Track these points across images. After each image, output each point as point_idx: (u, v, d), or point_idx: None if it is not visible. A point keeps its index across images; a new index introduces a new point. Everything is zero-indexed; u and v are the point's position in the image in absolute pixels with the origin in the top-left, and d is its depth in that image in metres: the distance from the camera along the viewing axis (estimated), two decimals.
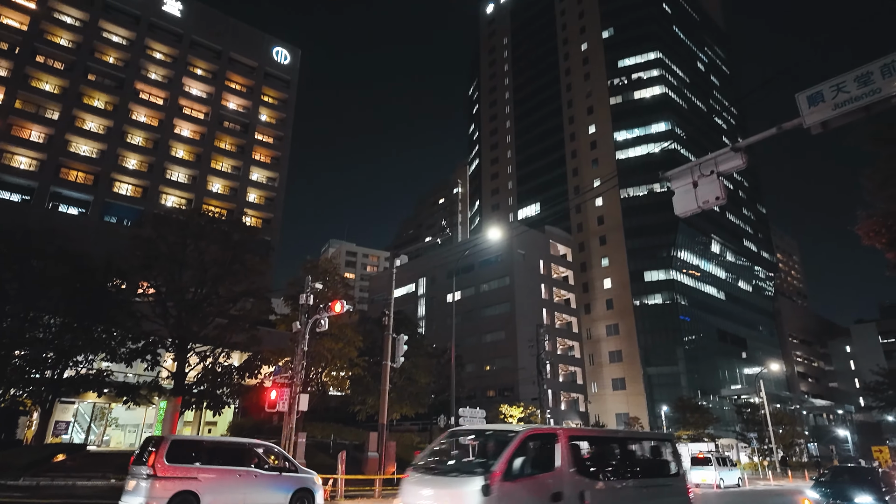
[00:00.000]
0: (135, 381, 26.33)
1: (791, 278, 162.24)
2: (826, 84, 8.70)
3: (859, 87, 8.38)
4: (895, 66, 8.01)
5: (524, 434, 8.13)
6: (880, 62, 8.14)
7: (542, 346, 39.90)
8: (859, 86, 8.38)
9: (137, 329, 25.60)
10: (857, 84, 8.39)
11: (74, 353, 24.19)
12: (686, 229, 80.00)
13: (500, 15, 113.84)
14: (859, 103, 8.35)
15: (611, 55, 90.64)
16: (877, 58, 8.26)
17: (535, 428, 8.81)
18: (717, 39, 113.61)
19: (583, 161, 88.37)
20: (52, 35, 59.05)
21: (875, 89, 8.19)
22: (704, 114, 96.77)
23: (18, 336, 22.93)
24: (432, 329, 69.36)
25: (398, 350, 23.04)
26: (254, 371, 27.65)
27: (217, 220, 29.13)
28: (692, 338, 78.29)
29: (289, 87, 75.47)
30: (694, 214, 11.26)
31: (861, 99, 8.33)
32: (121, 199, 58.80)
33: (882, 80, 8.13)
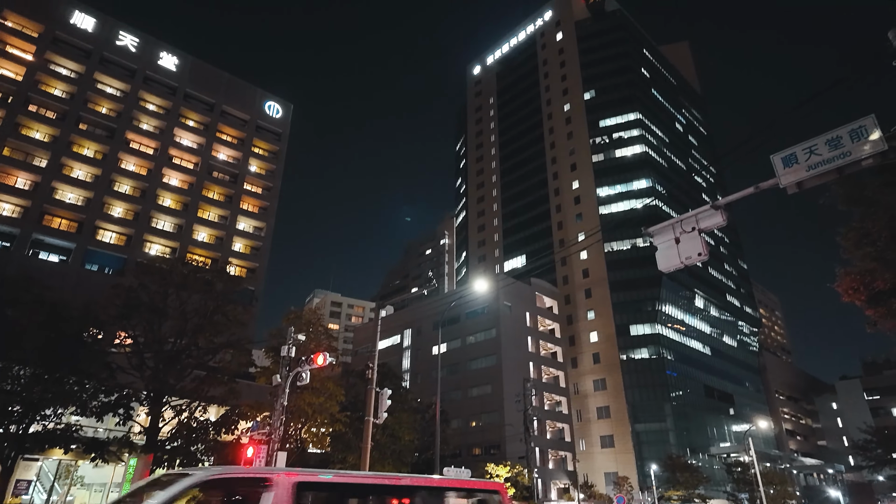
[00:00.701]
0: (105, 436, 25.15)
1: (775, 333, 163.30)
2: (799, 147, 9.05)
3: (830, 150, 8.73)
4: (863, 130, 8.40)
5: (195, 481, 5.42)
6: (848, 127, 8.53)
7: (529, 401, 39.16)
8: (830, 149, 8.73)
9: (112, 381, 24.69)
10: (828, 147, 8.74)
11: (43, 406, 23.13)
12: (670, 284, 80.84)
13: (486, 76, 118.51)
14: (831, 165, 8.68)
15: (592, 115, 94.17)
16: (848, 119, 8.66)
17: (222, 472, 6.11)
18: (693, 102, 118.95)
19: (567, 215, 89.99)
20: (46, 85, 59.95)
21: (845, 152, 8.54)
22: (684, 172, 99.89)
23: None
24: (417, 382, 67.99)
25: (382, 405, 22.40)
26: (230, 427, 26.57)
27: (201, 269, 28.80)
28: (679, 393, 77.58)
29: (280, 140, 76.77)
30: (677, 270, 11.37)
31: (833, 161, 8.66)
32: (103, 247, 58.10)
33: (851, 144, 8.49)
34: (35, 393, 22.98)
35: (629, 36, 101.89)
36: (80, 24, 63.09)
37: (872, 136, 8.27)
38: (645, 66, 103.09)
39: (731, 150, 9.15)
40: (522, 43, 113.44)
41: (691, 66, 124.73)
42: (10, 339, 22.53)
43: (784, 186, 9.23)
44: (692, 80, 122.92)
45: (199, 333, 26.20)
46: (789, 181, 9.15)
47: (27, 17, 59.66)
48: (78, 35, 62.62)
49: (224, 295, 27.66)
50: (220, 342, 26.80)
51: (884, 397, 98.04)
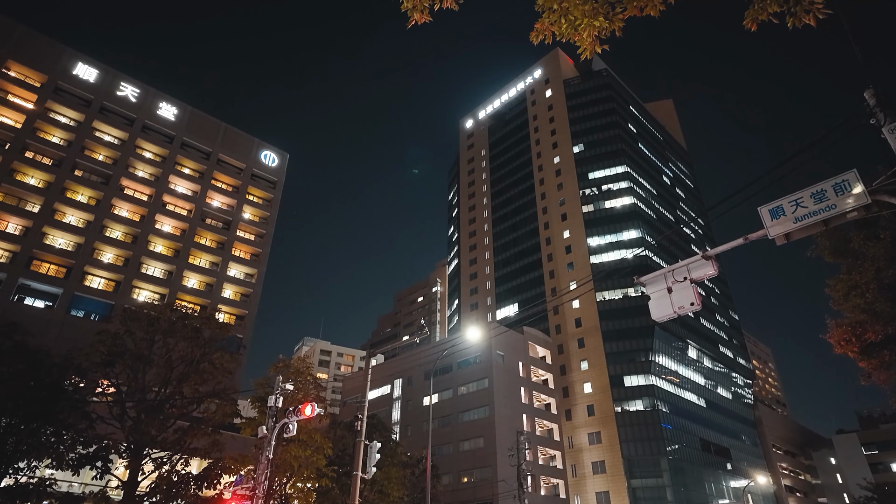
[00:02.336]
0: (80, 491, 24.02)
1: (769, 385, 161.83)
2: (785, 199, 9.26)
3: (816, 203, 8.94)
4: (846, 184, 8.63)
5: None
6: (832, 181, 8.77)
7: (523, 455, 38.08)
8: (815, 202, 8.94)
9: (91, 432, 23.79)
10: (813, 200, 8.95)
11: (17, 458, 22.16)
12: (662, 334, 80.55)
13: (478, 129, 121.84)
14: (817, 218, 8.86)
15: (581, 168, 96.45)
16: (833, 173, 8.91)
17: None
18: (679, 156, 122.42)
19: (559, 264, 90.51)
20: (44, 132, 60.75)
21: (830, 205, 8.74)
22: (672, 223, 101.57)
23: None
24: (407, 435, 66.10)
25: (370, 459, 21.66)
26: (213, 481, 25.48)
27: (189, 316, 28.35)
28: (675, 447, 75.83)
29: (275, 188, 77.58)
30: (669, 320, 11.35)
31: (818, 214, 8.85)
32: (91, 293, 57.39)
33: (836, 197, 8.70)
34: (9, 445, 22.08)
35: (615, 93, 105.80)
36: (83, 74, 64.64)
37: (855, 189, 8.50)
38: (631, 121, 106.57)
39: (719, 202, 9.40)
40: (513, 99, 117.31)
41: (676, 122, 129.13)
42: None
43: (773, 237, 9.37)
44: (677, 135, 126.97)
45: (185, 382, 25.52)
46: (778, 233, 9.30)
47: (30, 67, 61.11)
48: (80, 85, 64.05)
49: (211, 342, 27.15)
50: (206, 391, 26.09)
51: (882, 452, 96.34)
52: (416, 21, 7.13)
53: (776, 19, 6.74)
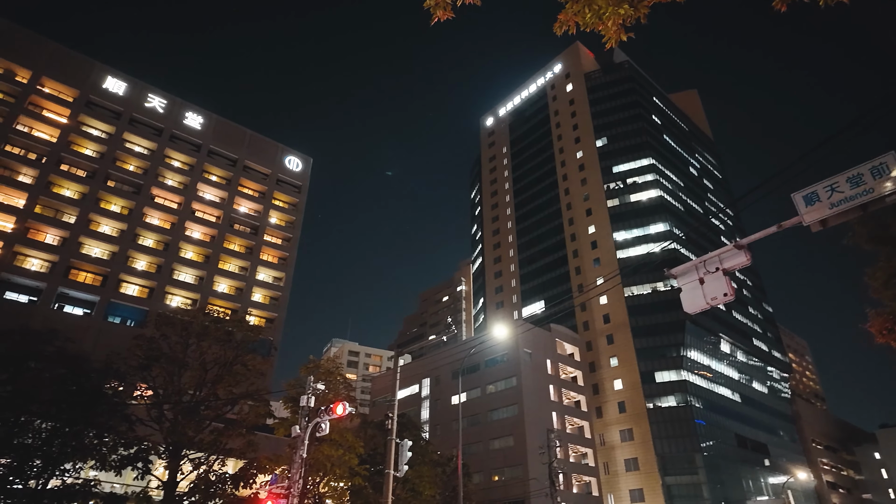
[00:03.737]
0: (122, 491, 24.79)
1: (806, 379, 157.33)
2: (820, 185, 8.98)
3: (852, 188, 8.64)
4: (884, 167, 8.33)
5: None
6: (869, 164, 8.46)
7: (553, 453, 37.82)
8: (852, 186, 8.64)
9: (131, 434, 24.52)
10: (849, 184, 8.66)
11: (62, 460, 22.96)
12: (693, 328, 79.00)
13: (499, 127, 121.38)
14: (854, 203, 8.57)
15: (605, 162, 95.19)
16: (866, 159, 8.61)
17: None
18: (706, 147, 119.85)
19: (585, 260, 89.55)
20: (78, 145, 62.75)
21: (868, 189, 8.44)
22: (701, 215, 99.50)
23: (5, 442, 21.95)
24: (437, 434, 66.31)
25: (402, 457, 21.78)
26: (248, 481, 26.01)
27: (221, 320, 28.98)
28: (710, 443, 74.28)
29: (300, 192, 78.67)
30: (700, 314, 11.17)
31: (855, 198, 8.55)
32: (126, 300, 59.08)
33: (873, 181, 8.40)
34: (55, 447, 22.88)
35: (638, 85, 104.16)
36: (112, 88, 66.55)
37: (894, 172, 8.20)
38: (655, 112, 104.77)
39: (749, 191, 9.09)
40: (534, 95, 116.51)
41: (701, 112, 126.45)
42: (31, 393, 22.66)
43: (807, 224, 9.10)
44: (703, 125, 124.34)
45: (219, 384, 26.13)
46: (813, 219, 9.03)
47: (63, 82, 63.19)
48: (110, 98, 65.97)
49: (243, 345, 27.71)
50: (239, 393, 26.65)
51: None
52: (440, 18, 7.14)
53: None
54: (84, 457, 23.43)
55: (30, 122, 60.14)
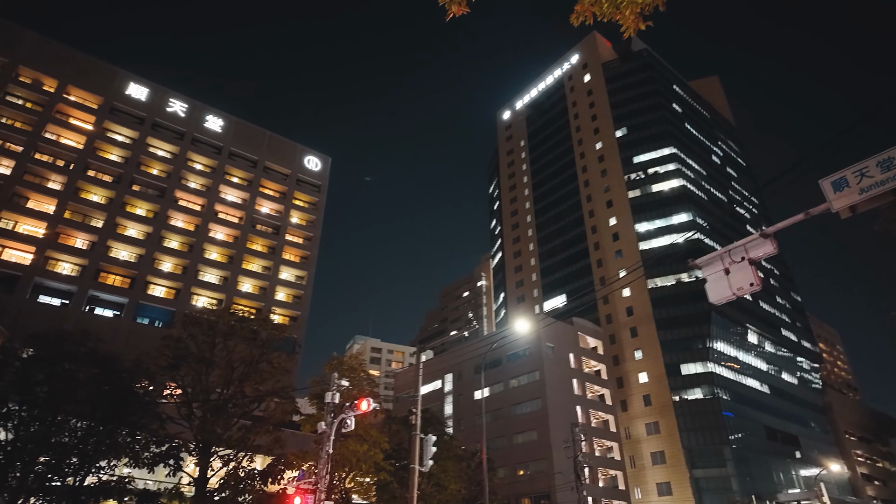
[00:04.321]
0: (155, 488, 25.45)
1: (838, 369, 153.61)
2: (849, 170, 8.74)
3: (883, 172, 8.38)
4: None
5: None
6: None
7: (578, 447, 37.61)
8: (882, 170, 8.38)
9: (162, 431, 25.14)
10: (880, 169, 8.40)
11: (98, 458, 23.65)
12: (719, 320, 77.68)
13: (516, 120, 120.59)
14: (884, 187, 8.30)
15: (626, 152, 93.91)
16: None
17: None
18: (729, 134, 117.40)
19: (606, 252, 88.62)
20: (103, 151, 64.22)
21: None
22: (725, 204, 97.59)
23: (43, 441, 22.68)
24: (461, 429, 66.54)
25: (426, 452, 21.89)
26: (276, 476, 26.46)
27: (246, 319, 29.45)
28: (739, 436, 73.09)
29: (319, 192, 79.38)
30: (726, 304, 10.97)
31: (886, 183, 8.29)
32: (154, 301, 60.44)
33: None
34: (90, 445, 23.56)
35: (657, 74, 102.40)
36: (135, 94, 67.90)
37: None
38: (676, 101, 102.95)
39: (774, 178, 8.88)
40: (550, 87, 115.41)
41: (723, 99, 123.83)
42: (66, 393, 23.35)
43: (836, 211, 8.87)
44: (725, 112, 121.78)
45: (245, 382, 26.61)
46: (842, 205, 8.79)
47: (88, 90, 64.67)
48: (133, 104, 67.33)
49: (268, 343, 28.15)
50: (266, 390, 27.10)
51: None
52: (455, 13, 7.12)
53: None
54: (118, 454, 24.09)
55: (57, 129, 61.75)
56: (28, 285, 53.39)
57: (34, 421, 23.15)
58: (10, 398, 22.88)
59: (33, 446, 22.27)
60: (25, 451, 22.16)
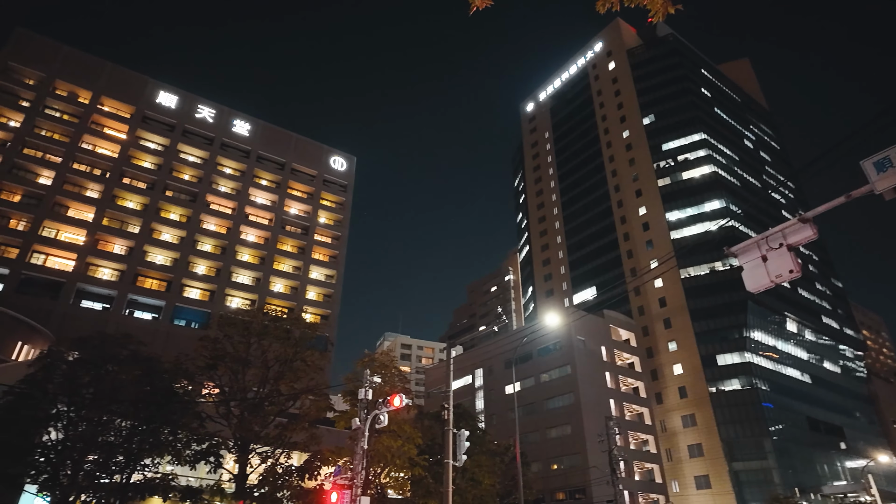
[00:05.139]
0: (197, 484, 26.17)
1: (884, 357, 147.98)
2: (892, 149, 8.39)
3: None
4: None
5: None
6: None
7: (613, 440, 37.21)
8: None
9: (202, 430, 25.84)
10: None
11: (142, 456, 24.48)
12: (756, 309, 75.63)
13: (540, 112, 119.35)
14: None
15: (654, 140, 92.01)
16: None
17: None
18: (761, 118, 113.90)
19: (637, 243, 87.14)
20: (137, 159, 66.17)
21: None
22: (759, 190, 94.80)
23: (91, 440, 23.58)
24: (492, 424, 66.48)
25: (460, 447, 21.94)
26: (313, 472, 26.94)
27: (279, 319, 30.02)
28: (780, 427, 71.13)
29: (345, 191, 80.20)
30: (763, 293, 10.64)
31: None
32: (189, 304, 62.08)
33: None
34: (135, 444, 24.39)
35: (685, 58, 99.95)
36: (165, 102, 69.68)
37: None
38: (705, 85, 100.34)
39: (811, 161, 8.47)
40: (574, 76, 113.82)
41: (754, 81, 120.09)
42: (111, 394, 24.21)
43: (880, 192, 8.53)
44: (757, 95, 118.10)
45: (280, 380, 27.16)
46: (885, 186, 8.45)
47: (121, 100, 66.65)
48: (163, 112, 69.12)
49: (301, 342, 28.62)
50: (300, 388, 27.60)
51: None
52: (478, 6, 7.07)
53: None
54: (161, 452, 24.88)
55: (93, 139, 63.84)
56: (71, 291, 55.47)
57: (82, 421, 24.06)
58: (59, 399, 23.85)
59: (82, 445, 23.16)
60: (75, 450, 23.05)
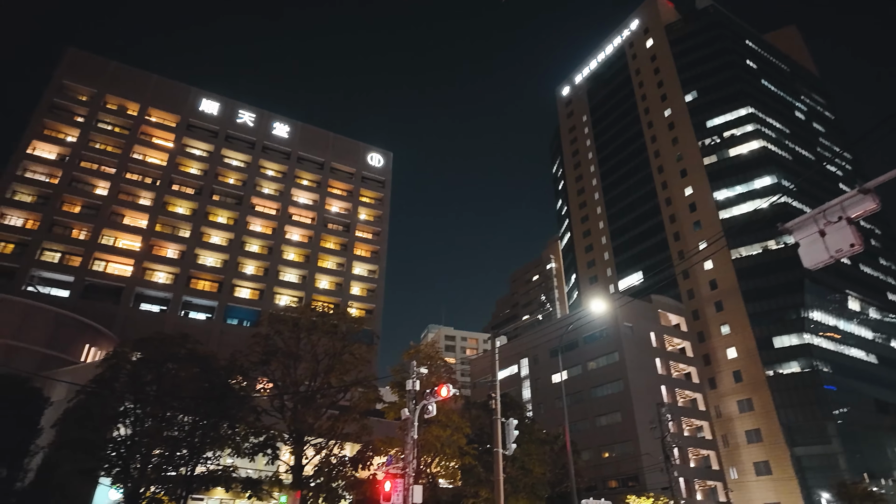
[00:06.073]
0: (256, 475, 27.23)
1: None
2: None
3: None
4: None
5: None
6: None
7: (666, 427, 36.40)
8: None
9: (258, 423, 26.85)
10: None
11: (204, 449, 25.64)
12: (814, 288, 72.23)
13: (576, 95, 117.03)
14: None
15: (698, 117, 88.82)
16: None
17: None
18: (812, 87, 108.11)
19: (683, 224, 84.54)
20: (184, 166, 68.75)
21: None
22: (813, 163, 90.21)
23: (156, 435, 24.86)
24: (540, 413, 66.21)
25: (509, 436, 21.92)
26: (366, 462, 27.59)
27: (326, 315, 30.74)
28: (844, 410, 67.92)
29: (383, 187, 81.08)
30: (821, 270, 10.14)
31: None
32: (240, 303, 64.30)
33: None
34: (197, 438, 25.56)
35: (727, 30, 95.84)
36: (208, 109, 72.04)
37: None
38: (750, 57, 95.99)
39: (869, 129, 7.88)
40: (611, 56, 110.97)
41: (803, 49, 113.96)
42: (172, 391, 25.42)
43: None
44: (807, 63, 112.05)
45: (330, 373, 27.92)
46: None
47: (166, 110, 69.34)
48: (206, 119, 71.50)
49: (348, 336, 29.28)
50: (350, 380, 28.27)
51: None
52: None
53: None
54: (221, 445, 26.00)
55: (143, 149, 66.70)
56: (131, 295, 58.36)
57: (147, 417, 25.37)
58: (126, 397, 25.23)
59: (148, 440, 24.43)
60: (142, 444, 24.36)
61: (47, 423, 26.38)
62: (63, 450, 24.21)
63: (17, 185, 58.25)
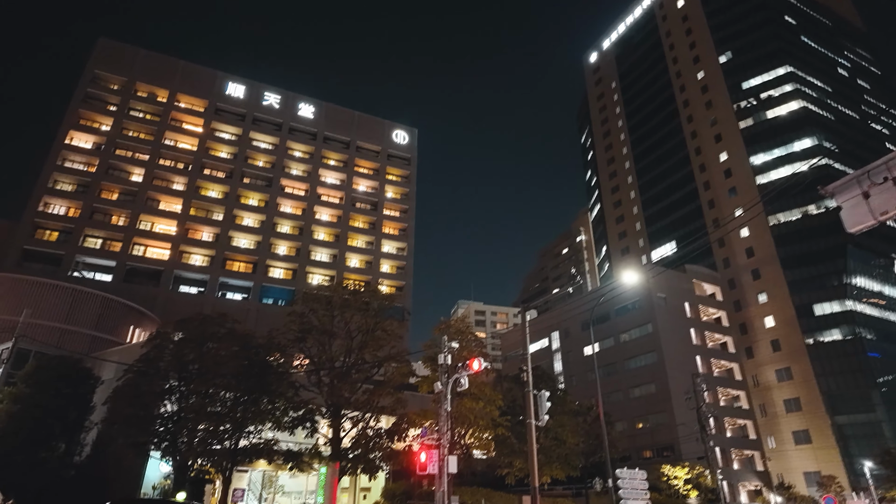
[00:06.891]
0: (297, 448, 28.22)
1: None
2: None
3: None
4: None
5: None
6: None
7: (701, 397, 36.04)
8: None
9: (297, 398, 27.75)
10: None
11: (246, 424, 26.68)
12: (857, 252, 69.56)
13: (605, 61, 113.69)
14: None
15: (732, 79, 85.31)
16: None
17: None
18: (856, 41, 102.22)
19: (718, 191, 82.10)
20: (214, 150, 69.93)
21: None
22: (857, 122, 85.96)
23: (201, 411, 25.96)
24: (572, 385, 66.32)
25: (541, 407, 22.07)
26: (401, 434, 28.31)
27: (357, 292, 31.27)
28: (889, 378, 65.94)
29: (409, 164, 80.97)
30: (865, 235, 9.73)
31: None
32: (274, 283, 65.79)
33: None
34: (238, 413, 26.58)
35: None
36: (234, 93, 72.75)
37: None
38: (788, 12, 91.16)
39: None
40: (639, 19, 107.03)
41: (847, 0, 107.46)
42: (213, 368, 26.40)
43: None
44: (851, 16, 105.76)
45: (364, 349, 28.60)
46: None
47: (194, 95, 70.33)
48: (233, 102, 72.28)
49: (380, 312, 29.79)
50: (383, 355, 28.90)
51: None
52: None
53: None
54: (262, 420, 27.00)
55: (174, 135, 68.04)
56: (170, 278, 60.33)
57: (191, 394, 26.49)
58: (171, 375, 26.35)
59: (193, 416, 25.53)
60: (188, 420, 25.49)
61: (99, 400, 27.80)
62: (115, 425, 25.55)
63: (58, 174, 60.35)
